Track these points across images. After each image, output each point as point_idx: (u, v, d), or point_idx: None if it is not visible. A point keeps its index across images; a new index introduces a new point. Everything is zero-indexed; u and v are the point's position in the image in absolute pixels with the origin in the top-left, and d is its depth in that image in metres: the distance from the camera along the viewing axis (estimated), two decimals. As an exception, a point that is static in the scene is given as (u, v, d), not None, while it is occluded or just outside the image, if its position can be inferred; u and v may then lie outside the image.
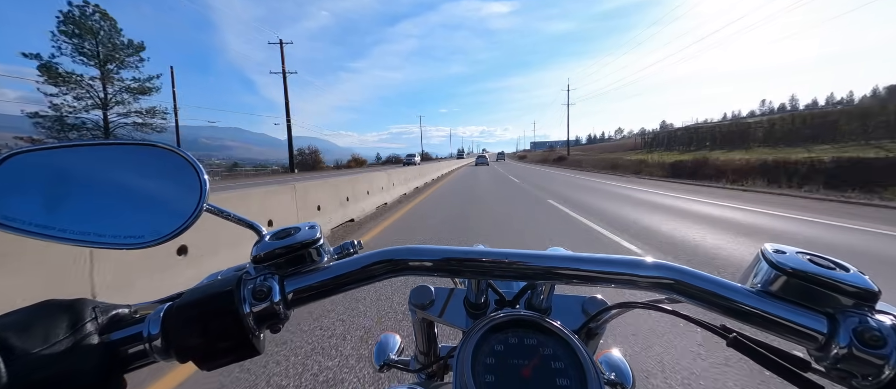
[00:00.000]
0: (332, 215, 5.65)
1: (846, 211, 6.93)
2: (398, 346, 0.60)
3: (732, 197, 9.24)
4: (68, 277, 2.00)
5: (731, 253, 3.96)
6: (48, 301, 0.28)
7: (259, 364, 1.89)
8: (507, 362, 0.30)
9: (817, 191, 10.36)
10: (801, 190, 10.77)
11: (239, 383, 1.75)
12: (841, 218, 6.22)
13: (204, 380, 1.79)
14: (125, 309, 0.31)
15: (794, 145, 25.50)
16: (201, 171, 0.34)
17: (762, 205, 7.78)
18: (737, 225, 5.52)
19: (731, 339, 0.29)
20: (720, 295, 0.30)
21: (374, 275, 0.35)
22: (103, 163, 0.34)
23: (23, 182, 0.31)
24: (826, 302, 0.27)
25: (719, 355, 1.90)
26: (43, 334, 0.25)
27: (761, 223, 5.78)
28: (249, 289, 0.31)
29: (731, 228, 5.29)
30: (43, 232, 0.30)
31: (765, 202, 8.36)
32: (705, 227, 5.37)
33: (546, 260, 0.34)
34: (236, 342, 0.30)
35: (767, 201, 8.56)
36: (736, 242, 4.45)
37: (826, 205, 7.89)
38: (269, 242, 0.35)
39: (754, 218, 6.13)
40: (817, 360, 0.28)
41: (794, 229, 5.33)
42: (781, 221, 5.95)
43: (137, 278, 2.34)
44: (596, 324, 0.41)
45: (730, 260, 3.70)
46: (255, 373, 1.82)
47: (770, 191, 11.06)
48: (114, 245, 0.32)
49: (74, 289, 1.99)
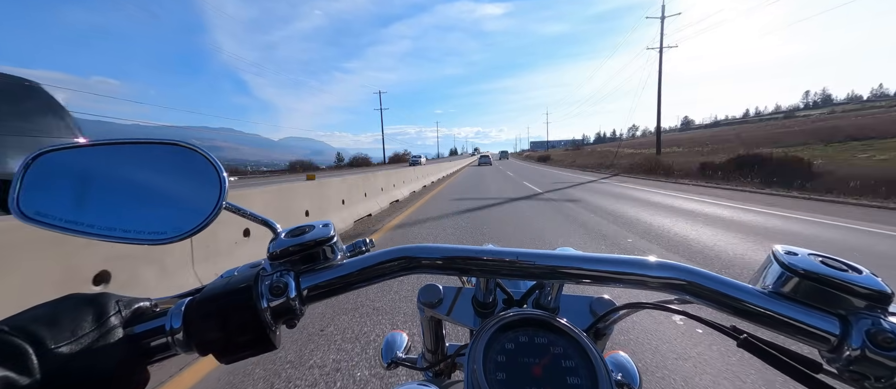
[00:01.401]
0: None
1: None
2: (405, 344, 0.61)
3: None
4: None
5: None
6: (72, 295, 0.28)
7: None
8: (517, 360, 0.31)
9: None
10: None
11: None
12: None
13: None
14: (146, 303, 0.32)
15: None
16: (221, 170, 0.35)
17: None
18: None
19: (741, 340, 0.29)
20: (732, 297, 0.30)
21: (387, 273, 0.35)
22: (127, 162, 0.35)
23: (52, 179, 0.32)
24: (838, 303, 0.27)
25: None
26: (70, 327, 0.26)
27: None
28: (266, 285, 0.32)
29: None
30: (71, 228, 0.31)
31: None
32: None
33: (555, 260, 0.34)
34: (254, 336, 0.31)
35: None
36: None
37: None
38: (284, 239, 0.35)
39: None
40: (829, 362, 0.28)
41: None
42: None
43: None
44: (604, 325, 0.41)
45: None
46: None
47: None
48: (137, 240, 0.33)
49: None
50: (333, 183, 5.91)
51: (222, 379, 1.80)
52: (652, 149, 27.28)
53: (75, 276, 1.90)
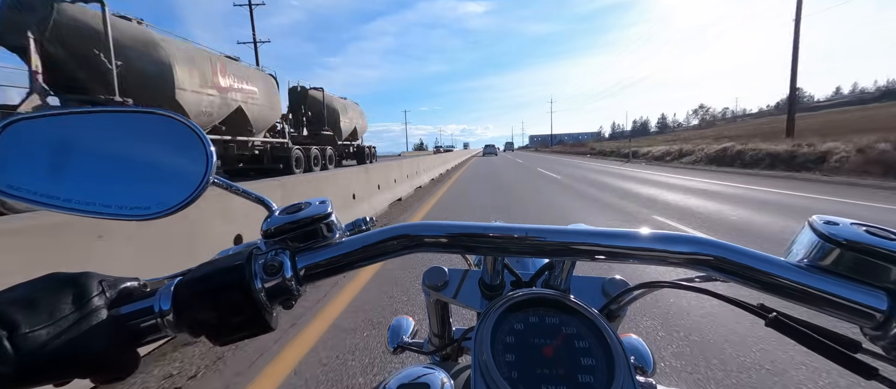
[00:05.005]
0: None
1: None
2: (411, 328, 0.60)
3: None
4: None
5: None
6: (52, 274, 0.27)
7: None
8: (528, 341, 0.29)
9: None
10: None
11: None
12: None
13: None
14: (134, 283, 0.30)
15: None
16: (207, 142, 0.33)
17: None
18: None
19: (771, 319, 0.27)
20: (764, 272, 0.27)
21: (388, 251, 0.33)
22: (107, 132, 0.33)
23: (26, 150, 0.30)
24: (886, 276, 0.25)
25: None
26: (48, 309, 0.24)
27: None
28: (260, 264, 0.30)
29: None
30: (47, 202, 0.29)
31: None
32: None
33: (568, 235, 0.32)
34: (248, 317, 0.29)
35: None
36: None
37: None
38: (278, 217, 0.34)
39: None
40: (873, 339, 0.26)
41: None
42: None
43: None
44: (617, 306, 0.39)
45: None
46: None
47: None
48: (119, 216, 0.31)
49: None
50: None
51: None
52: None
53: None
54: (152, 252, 1.93)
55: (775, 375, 1.64)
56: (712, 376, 1.65)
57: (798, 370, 1.66)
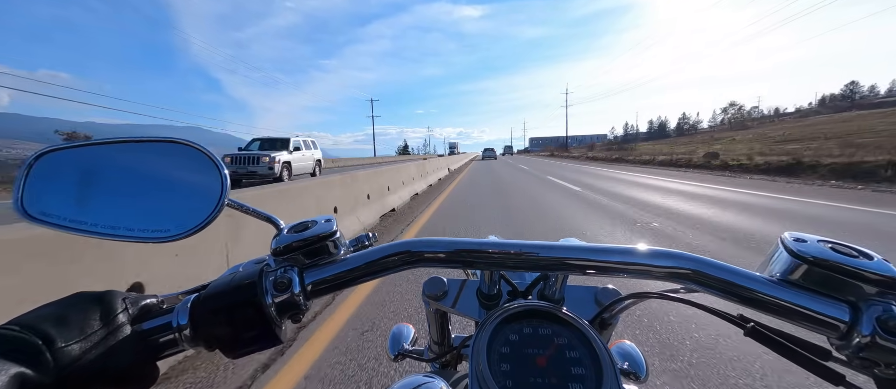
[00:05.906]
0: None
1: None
2: (411, 336, 0.61)
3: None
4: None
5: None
6: (79, 293, 0.29)
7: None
8: (522, 351, 0.31)
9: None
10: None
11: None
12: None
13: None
14: (153, 300, 0.32)
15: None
16: (222, 167, 0.35)
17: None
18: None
19: (748, 329, 0.29)
20: (739, 285, 0.29)
21: (390, 267, 0.35)
22: (129, 160, 0.35)
23: (55, 179, 0.32)
24: (848, 290, 0.27)
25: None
26: (79, 325, 0.26)
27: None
28: (271, 281, 0.32)
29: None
30: (75, 227, 0.32)
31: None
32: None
33: (559, 251, 0.34)
34: (260, 332, 0.31)
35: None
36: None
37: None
38: (287, 235, 0.35)
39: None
40: (838, 349, 0.27)
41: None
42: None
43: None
44: (609, 315, 0.41)
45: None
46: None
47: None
48: (141, 238, 0.33)
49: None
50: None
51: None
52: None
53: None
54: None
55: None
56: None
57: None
